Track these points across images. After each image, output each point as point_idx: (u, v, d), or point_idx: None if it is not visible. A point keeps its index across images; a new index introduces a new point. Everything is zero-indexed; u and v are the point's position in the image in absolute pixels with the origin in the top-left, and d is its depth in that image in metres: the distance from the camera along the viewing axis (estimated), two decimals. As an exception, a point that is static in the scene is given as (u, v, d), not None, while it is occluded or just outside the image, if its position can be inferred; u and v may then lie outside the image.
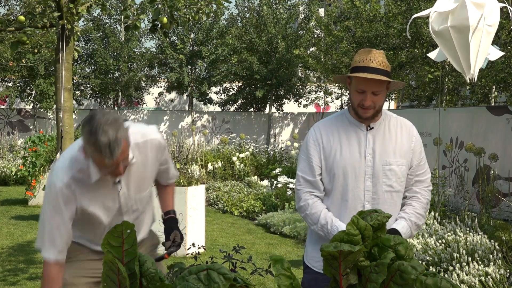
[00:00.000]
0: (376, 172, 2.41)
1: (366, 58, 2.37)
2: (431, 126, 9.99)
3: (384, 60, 2.37)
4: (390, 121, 2.50)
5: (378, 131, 2.46)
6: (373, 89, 2.36)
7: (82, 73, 18.45)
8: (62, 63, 3.47)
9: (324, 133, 2.48)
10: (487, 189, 7.06)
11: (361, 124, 2.46)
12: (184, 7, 3.88)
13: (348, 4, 14.28)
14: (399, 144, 2.46)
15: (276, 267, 1.32)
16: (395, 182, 2.42)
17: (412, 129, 2.52)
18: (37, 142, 9.59)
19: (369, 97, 2.36)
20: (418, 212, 2.47)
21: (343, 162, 2.42)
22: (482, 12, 3.08)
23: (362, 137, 2.44)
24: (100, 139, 1.99)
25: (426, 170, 2.54)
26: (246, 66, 17.49)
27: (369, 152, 2.42)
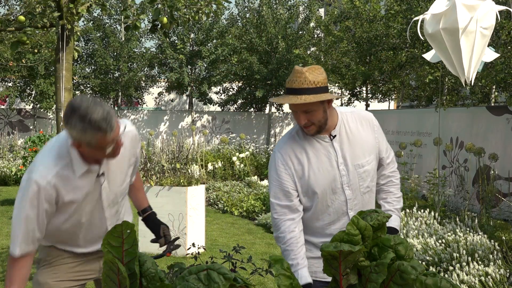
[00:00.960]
0: (352, 178, 2.40)
1: (290, 79, 2.30)
2: (431, 126, 9.99)
3: (313, 78, 2.26)
4: (348, 120, 2.45)
5: (341, 137, 2.41)
6: (301, 108, 2.29)
7: (82, 73, 18.45)
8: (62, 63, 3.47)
9: (292, 154, 2.40)
10: (487, 189, 7.07)
11: (322, 136, 2.40)
12: (184, 7, 3.88)
13: (348, 4, 14.28)
14: (364, 141, 2.44)
15: (276, 267, 1.32)
16: (370, 181, 2.45)
17: (371, 119, 2.49)
18: (37, 142, 9.59)
19: (302, 116, 2.31)
20: (397, 196, 2.55)
21: (318, 180, 2.37)
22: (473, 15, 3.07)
23: (329, 149, 2.39)
24: (94, 117, 1.99)
25: (390, 150, 2.57)
26: (246, 66, 17.49)
27: (340, 161, 2.39)
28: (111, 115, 2.04)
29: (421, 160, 10.31)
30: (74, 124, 2.02)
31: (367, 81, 15.27)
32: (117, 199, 2.39)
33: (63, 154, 2.18)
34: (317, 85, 2.27)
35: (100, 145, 2.08)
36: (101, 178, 2.26)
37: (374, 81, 15.25)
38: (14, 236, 2.18)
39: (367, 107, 16.23)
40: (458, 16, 3.10)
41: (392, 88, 15.35)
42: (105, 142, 2.07)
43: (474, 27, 3.08)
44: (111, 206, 2.36)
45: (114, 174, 2.32)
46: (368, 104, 16.32)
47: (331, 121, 2.39)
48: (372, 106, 17.94)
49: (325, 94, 2.29)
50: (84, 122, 2.00)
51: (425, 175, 8.93)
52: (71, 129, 2.04)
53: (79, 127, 2.02)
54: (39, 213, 2.14)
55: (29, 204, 2.12)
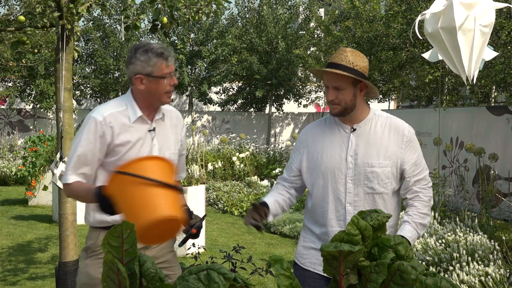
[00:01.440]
0: (358, 174, 2.41)
1: (335, 56, 2.41)
2: (431, 126, 9.99)
3: (353, 59, 2.37)
4: (378, 121, 2.48)
5: (363, 132, 2.45)
6: (333, 83, 2.38)
7: (82, 73, 18.45)
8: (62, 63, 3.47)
9: (311, 136, 2.55)
10: (487, 189, 7.07)
11: (345, 125, 2.48)
12: (184, 7, 3.88)
13: (348, 4, 14.27)
14: (384, 146, 2.43)
15: (276, 267, 1.32)
16: (377, 184, 2.42)
17: (403, 129, 2.47)
18: (37, 142, 9.59)
19: (331, 92, 2.39)
20: (421, 211, 2.45)
21: (324, 164, 2.45)
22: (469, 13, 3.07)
23: (345, 139, 2.46)
24: (155, 46, 2.35)
25: (423, 168, 2.50)
26: (246, 66, 17.49)
27: (350, 154, 2.43)
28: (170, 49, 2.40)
29: (421, 160, 10.30)
30: (138, 57, 2.35)
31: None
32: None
33: (120, 102, 2.44)
34: (355, 67, 2.36)
35: (161, 74, 2.35)
36: (152, 133, 2.45)
37: (374, 81, 15.24)
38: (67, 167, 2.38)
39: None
40: (455, 14, 3.10)
41: (392, 88, 15.34)
42: (165, 71, 2.36)
43: (472, 25, 3.08)
44: None
45: (164, 137, 2.51)
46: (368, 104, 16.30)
47: (359, 112, 2.45)
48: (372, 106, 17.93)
49: (358, 76, 2.35)
50: (147, 52, 2.34)
51: (425, 175, 8.91)
52: (135, 63, 2.35)
53: (143, 58, 2.34)
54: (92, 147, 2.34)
55: (85, 137, 2.35)
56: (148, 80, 2.37)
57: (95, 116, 2.36)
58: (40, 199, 9.55)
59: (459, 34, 3.11)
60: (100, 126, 2.34)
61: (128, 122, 2.40)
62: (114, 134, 2.36)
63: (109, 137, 2.36)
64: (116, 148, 2.37)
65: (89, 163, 2.36)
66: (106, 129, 2.35)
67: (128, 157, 2.38)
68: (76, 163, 2.35)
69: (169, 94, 2.43)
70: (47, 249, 6.44)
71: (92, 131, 2.34)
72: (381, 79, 15.16)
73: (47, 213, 8.74)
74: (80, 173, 2.36)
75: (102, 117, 2.35)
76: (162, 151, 2.49)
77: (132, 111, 2.42)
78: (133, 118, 2.40)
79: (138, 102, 2.43)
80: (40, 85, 15.99)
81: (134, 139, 2.40)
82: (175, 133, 2.59)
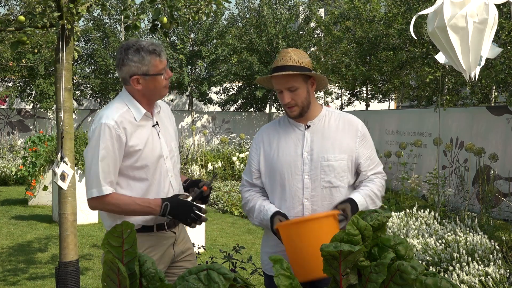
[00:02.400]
0: (314, 168, 2.44)
1: (279, 58, 2.42)
2: (431, 126, 9.99)
3: (298, 57, 2.40)
4: (331, 117, 2.53)
5: (317, 128, 2.49)
6: (285, 85, 2.40)
7: (82, 73, 18.45)
8: (62, 63, 3.47)
9: (266, 137, 2.57)
10: (487, 189, 7.07)
11: (299, 124, 2.51)
12: (184, 7, 3.88)
13: (348, 5, 14.27)
14: (339, 140, 2.47)
15: (276, 267, 1.32)
16: (334, 177, 2.44)
17: (357, 125, 2.52)
18: (37, 142, 9.59)
19: (286, 95, 2.40)
20: (373, 190, 2.47)
21: (280, 162, 2.48)
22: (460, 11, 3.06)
23: (300, 136, 2.49)
24: (145, 44, 2.36)
25: (377, 163, 2.57)
26: (246, 66, 17.49)
27: (306, 150, 2.46)
28: (160, 43, 2.43)
29: (421, 160, 10.31)
30: (130, 58, 2.36)
31: (367, 81, 15.26)
32: (173, 153, 2.56)
33: (121, 104, 2.44)
34: (301, 64, 2.39)
35: (157, 71, 2.37)
36: (156, 127, 2.50)
37: (374, 81, 15.23)
38: (93, 179, 2.36)
39: (367, 107, 16.23)
40: (444, 13, 3.11)
41: (392, 88, 15.34)
42: (160, 66, 2.38)
43: (463, 23, 3.07)
44: (169, 157, 2.52)
45: (165, 129, 2.56)
46: (368, 104, 16.32)
47: (312, 110, 2.49)
48: (372, 106, 17.94)
49: (308, 73, 2.39)
50: (139, 52, 2.34)
51: (425, 175, 8.93)
52: (128, 64, 2.37)
53: (136, 59, 2.35)
54: (112, 154, 2.35)
55: (102, 146, 2.34)
56: (144, 80, 2.39)
57: (106, 122, 2.35)
58: (40, 199, 9.55)
59: (451, 33, 3.12)
60: (114, 130, 2.35)
61: (135, 121, 2.42)
62: (128, 134, 2.39)
63: (124, 138, 2.37)
64: (131, 149, 2.40)
65: (112, 170, 2.37)
66: (120, 132, 2.36)
67: (144, 156, 2.42)
68: (103, 173, 2.34)
69: (166, 87, 2.47)
70: (47, 249, 6.44)
71: (108, 137, 2.34)
72: (381, 79, 15.16)
73: (47, 213, 8.74)
74: (108, 182, 2.37)
75: (113, 121, 2.36)
76: (168, 143, 2.53)
77: (135, 110, 2.43)
78: (138, 116, 2.43)
79: (139, 100, 2.46)
80: (40, 85, 15.98)
81: (145, 137, 2.44)
82: (171, 123, 2.65)
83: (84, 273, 5.39)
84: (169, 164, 2.51)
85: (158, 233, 2.49)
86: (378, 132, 12.14)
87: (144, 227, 2.46)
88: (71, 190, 3.54)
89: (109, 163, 2.35)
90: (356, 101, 17.51)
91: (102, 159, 2.34)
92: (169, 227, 2.52)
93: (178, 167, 2.62)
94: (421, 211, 6.35)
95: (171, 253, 2.54)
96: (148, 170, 2.44)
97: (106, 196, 2.36)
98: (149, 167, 2.43)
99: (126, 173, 2.42)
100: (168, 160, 2.51)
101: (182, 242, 2.61)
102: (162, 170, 2.48)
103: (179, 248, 2.57)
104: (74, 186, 3.59)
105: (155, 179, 2.46)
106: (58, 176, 3.45)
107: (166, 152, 2.51)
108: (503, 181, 8.07)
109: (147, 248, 2.45)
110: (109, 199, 2.37)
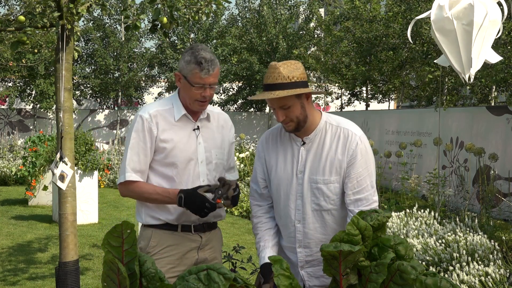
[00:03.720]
0: (305, 190, 2.32)
1: (269, 75, 2.26)
2: (431, 126, 9.99)
3: (288, 72, 2.23)
4: (328, 131, 2.34)
5: (312, 146, 2.34)
6: (277, 104, 2.26)
7: (82, 73, 18.46)
8: (62, 63, 3.47)
9: (266, 146, 2.47)
10: (487, 189, 7.07)
11: (297, 138, 2.37)
12: (184, 7, 3.87)
13: (348, 5, 14.28)
14: (330, 160, 2.30)
15: (276, 267, 1.32)
16: (323, 201, 2.31)
17: (352, 142, 2.29)
18: (37, 142, 9.59)
19: (279, 113, 2.27)
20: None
21: (277, 178, 2.39)
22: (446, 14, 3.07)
23: (296, 153, 2.36)
24: (202, 53, 2.40)
25: (366, 186, 2.30)
26: (246, 66, 17.49)
27: (300, 169, 2.34)
28: (215, 63, 2.44)
29: (421, 160, 10.31)
30: (184, 55, 2.44)
31: (367, 81, 15.25)
32: (211, 160, 2.57)
33: (167, 102, 2.56)
34: (292, 79, 2.23)
35: (193, 81, 2.41)
36: (196, 131, 2.54)
37: (374, 81, 15.23)
38: (122, 166, 2.50)
39: (367, 107, 16.23)
40: (432, 16, 3.11)
41: (392, 88, 15.34)
42: (197, 80, 2.40)
43: (451, 26, 3.07)
44: (205, 162, 2.55)
45: (210, 136, 2.59)
46: (368, 104, 16.32)
47: (310, 121, 2.33)
48: (372, 106, 17.94)
49: (300, 88, 2.23)
50: (192, 55, 2.41)
51: (425, 175, 8.93)
52: (182, 60, 2.45)
53: (187, 58, 2.42)
54: (143, 144, 2.45)
55: (135, 135, 2.47)
56: (184, 81, 2.46)
57: (141, 114, 2.48)
58: (40, 199, 9.55)
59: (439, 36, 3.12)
60: (147, 122, 2.46)
61: (173, 120, 2.50)
62: (159, 129, 2.47)
63: (155, 131, 2.46)
64: (161, 144, 2.46)
65: (142, 159, 2.47)
66: (152, 125, 2.46)
67: (174, 154, 2.47)
68: (131, 161, 2.46)
69: (200, 103, 2.47)
70: (47, 249, 6.44)
71: (140, 128, 2.46)
72: (381, 79, 15.16)
73: (47, 213, 8.74)
74: (137, 171, 2.46)
75: (148, 114, 2.47)
76: (208, 149, 2.55)
77: (177, 110, 2.51)
78: (177, 116, 2.50)
79: (182, 102, 2.53)
80: (40, 85, 15.99)
81: (178, 137, 2.49)
82: (222, 133, 2.65)
83: (84, 273, 5.39)
84: (203, 168, 2.52)
85: (182, 233, 2.51)
86: (378, 132, 12.14)
87: (168, 225, 2.50)
88: (71, 190, 3.54)
89: (138, 152, 2.46)
90: (356, 101, 17.51)
91: (132, 148, 2.46)
92: (196, 230, 2.53)
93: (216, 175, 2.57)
94: (421, 211, 6.35)
95: (194, 257, 2.53)
96: (177, 169, 2.48)
97: (131, 183, 2.46)
98: (178, 166, 2.48)
99: (155, 167, 2.49)
100: (202, 165, 2.53)
101: (210, 250, 2.59)
102: (192, 172, 2.50)
103: (204, 255, 2.56)
104: (74, 186, 3.58)
105: (183, 180, 2.49)
106: (56, 176, 3.45)
107: (202, 156, 2.52)
108: (503, 181, 8.06)
109: (168, 245, 2.47)
110: (133, 187, 2.47)
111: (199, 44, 2.49)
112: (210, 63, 2.40)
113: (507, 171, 7.97)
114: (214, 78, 2.45)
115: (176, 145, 2.47)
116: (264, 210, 2.48)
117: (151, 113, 2.48)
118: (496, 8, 3.19)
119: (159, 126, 2.47)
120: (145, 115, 2.47)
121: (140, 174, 2.47)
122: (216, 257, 2.64)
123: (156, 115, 2.48)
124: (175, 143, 2.47)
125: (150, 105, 2.56)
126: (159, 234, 2.52)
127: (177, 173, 2.48)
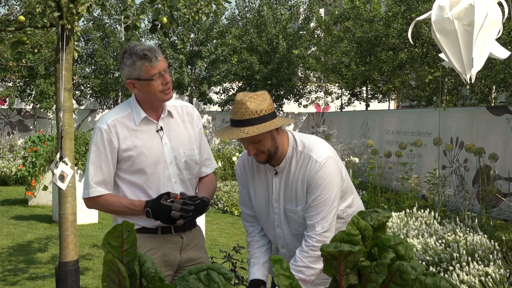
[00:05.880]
0: (282, 219, 2.35)
1: (232, 110, 2.20)
2: (431, 126, 9.99)
3: (255, 106, 2.15)
4: (293, 160, 2.30)
5: (282, 175, 2.32)
6: (247, 140, 2.20)
7: (82, 73, 18.45)
8: (62, 63, 3.47)
9: (244, 170, 2.45)
10: (487, 189, 7.07)
11: (270, 167, 2.35)
12: (184, 7, 3.88)
13: (348, 5, 14.28)
14: (295, 189, 2.28)
15: (276, 267, 1.32)
16: (299, 227, 2.32)
17: (311, 168, 2.24)
18: (37, 142, 9.59)
19: (250, 147, 2.22)
20: (298, 264, 2.22)
21: (258, 206, 2.41)
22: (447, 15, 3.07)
23: (271, 182, 2.35)
24: (138, 48, 2.34)
25: (319, 212, 2.22)
26: (246, 66, 17.49)
27: (275, 198, 2.34)
28: (155, 48, 2.37)
29: (421, 160, 10.31)
30: (124, 62, 2.36)
31: (367, 81, 15.25)
32: (180, 159, 2.50)
33: (126, 107, 2.48)
34: (260, 113, 2.15)
35: (148, 76, 2.33)
36: (160, 133, 2.48)
37: (374, 81, 15.23)
38: (85, 180, 2.45)
39: (367, 107, 16.23)
40: (432, 17, 3.11)
41: (392, 88, 15.34)
42: (152, 72, 2.33)
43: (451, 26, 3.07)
44: (174, 163, 2.49)
45: (175, 134, 2.51)
46: (368, 104, 16.32)
47: (280, 151, 2.28)
48: (372, 106, 17.94)
49: (270, 123, 2.16)
50: (131, 56, 2.34)
51: (425, 175, 8.93)
52: (124, 68, 2.38)
53: (128, 63, 2.35)
54: (104, 155, 2.40)
55: (95, 148, 2.42)
56: (139, 84, 2.38)
57: (99, 126, 2.43)
58: (40, 199, 9.55)
59: (440, 36, 3.12)
60: (106, 133, 2.40)
61: (133, 125, 2.43)
62: (120, 139, 2.41)
63: (116, 142, 2.41)
64: (125, 153, 2.41)
65: (105, 172, 2.42)
66: (112, 136, 2.40)
67: (140, 161, 2.41)
68: (93, 176, 2.41)
69: (165, 91, 2.40)
70: (47, 249, 6.44)
71: (100, 140, 2.41)
72: (381, 79, 15.16)
73: (47, 213, 8.74)
74: (100, 184, 2.42)
75: (106, 125, 2.41)
76: (175, 148, 2.49)
77: (136, 114, 2.45)
78: (138, 120, 2.44)
79: (141, 104, 2.46)
80: (40, 85, 15.99)
81: (142, 142, 2.43)
82: (187, 127, 2.57)
83: (84, 273, 5.39)
84: (173, 169, 2.47)
85: (163, 235, 2.48)
86: (378, 132, 12.14)
87: (145, 228, 2.46)
88: (71, 190, 3.54)
89: (100, 165, 2.41)
90: (356, 101, 17.51)
91: (93, 162, 2.42)
92: (177, 230, 2.50)
93: (189, 173, 2.54)
94: (421, 211, 6.35)
95: (177, 258, 2.51)
96: (146, 174, 2.43)
97: (97, 197, 2.43)
98: (146, 172, 2.43)
99: (123, 176, 2.45)
100: (172, 166, 2.47)
101: (193, 249, 2.56)
102: (162, 176, 2.46)
103: (187, 255, 2.53)
104: (74, 186, 3.58)
105: (153, 185, 2.45)
106: (56, 176, 3.45)
107: (169, 157, 2.47)
108: (503, 181, 8.07)
109: (149, 249, 2.44)
110: (99, 200, 2.44)
111: (128, 45, 2.43)
112: (153, 51, 2.35)
113: (507, 171, 7.97)
114: (164, 63, 2.40)
115: (141, 151, 2.42)
116: (257, 230, 2.50)
117: (109, 124, 2.41)
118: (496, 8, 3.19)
119: (119, 135, 2.41)
120: (103, 127, 2.41)
121: (104, 186, 2.43)
122: (201, 256, 2.60)
123: (114, 125, 2.41)
124: (140, 149, 2.42)
125: (108, 114, 2.47)
126: (139, 239, 2.44)
127: (146, 179, 2.44)
